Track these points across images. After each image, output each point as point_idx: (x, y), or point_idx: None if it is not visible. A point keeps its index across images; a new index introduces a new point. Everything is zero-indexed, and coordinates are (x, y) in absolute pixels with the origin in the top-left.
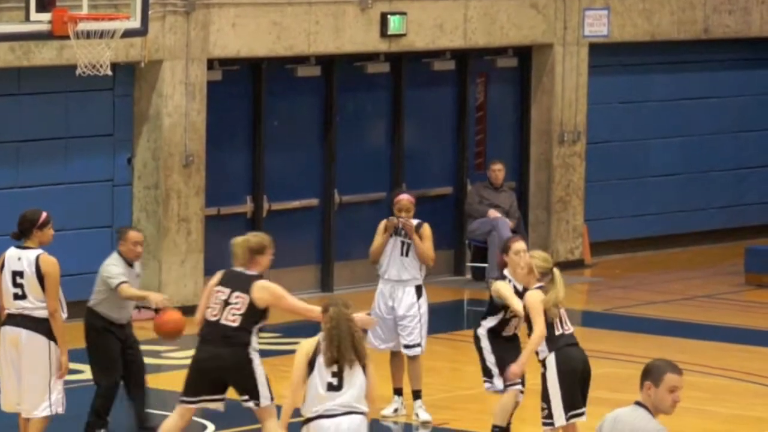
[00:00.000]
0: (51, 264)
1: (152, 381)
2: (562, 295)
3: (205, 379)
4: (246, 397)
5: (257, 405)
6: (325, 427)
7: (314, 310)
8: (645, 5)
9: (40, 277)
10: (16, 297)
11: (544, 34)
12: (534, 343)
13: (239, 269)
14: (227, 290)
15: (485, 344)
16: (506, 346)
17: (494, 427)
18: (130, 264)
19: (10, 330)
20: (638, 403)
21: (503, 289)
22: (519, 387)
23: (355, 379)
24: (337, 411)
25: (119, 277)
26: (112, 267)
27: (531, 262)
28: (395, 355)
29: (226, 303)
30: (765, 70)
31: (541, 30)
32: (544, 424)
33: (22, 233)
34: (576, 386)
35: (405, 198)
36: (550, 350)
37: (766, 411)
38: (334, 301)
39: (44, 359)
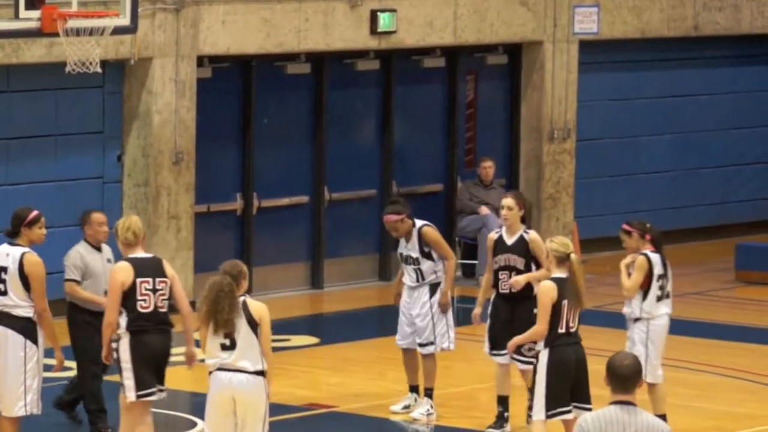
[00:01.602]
0: (35, 264)
1: None
2: (572, 288)
3: (155, 368)
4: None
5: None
6: (219, 379)
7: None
8: (635, 2)
9: (23, 275)
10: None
11: (534, 32)
12: (531, 335)
13: (140, 255)
14: (150, 279)
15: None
16: (507, 308)
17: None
18: (97, 248)
19: None
20: (632, 404)
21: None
22: (503, 360)
23: (245, 340)
24: (229, 367)
25: (70, 273)
26: (70, 257)
27: (548, 247)
28: (406, 353)
29: (154, 291)
30: (755, 67)
31: (530, 27)
32: (529, 415)
33: (13, 231)
34: (563, 386)
35: (388, 218)
36: (545, 345)
37: (756, 408)
38: (223, 269)
39: (20, 358)
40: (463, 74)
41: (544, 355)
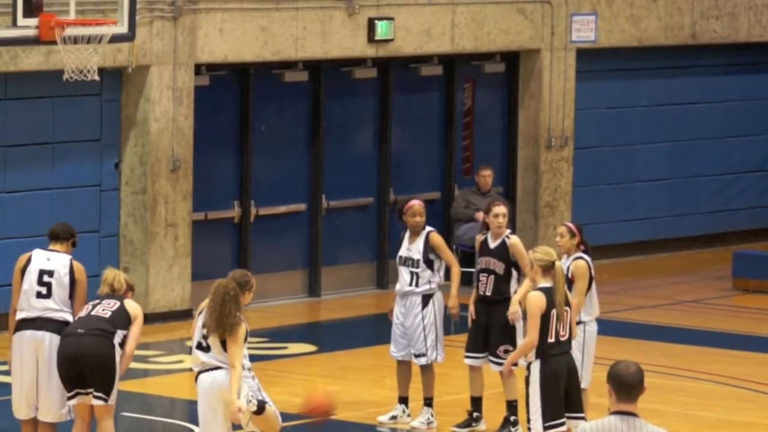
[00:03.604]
0: (84, 272)
1: (139, 386)
2: (558, 297)
3: (77, 372)
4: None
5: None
6: (200, 382)
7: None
8: (632, 11)
9: (72, 281)
10: (39, 295)
11: (532, 40)
12: (523, 348)
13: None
14: (99, 299)
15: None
16: (484, 311)
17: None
18: None
19: (30, 334)
20: (634, 414)
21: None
22: (475, 362)
23: (215, 342)
24: (205, 367)
25: None
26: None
27: (532, 257)
28: (401, 364)
29: (97, 305)
30: (752, 76)
31: (528, 35)
32: (529, 428)
33: (60, 236)
34: (557, 397)
35: (416, 203)
36: (536, 356)
37: (753, 416)
38: (231, 275)
39: None
40: (461, 82)
41: (535, 367)
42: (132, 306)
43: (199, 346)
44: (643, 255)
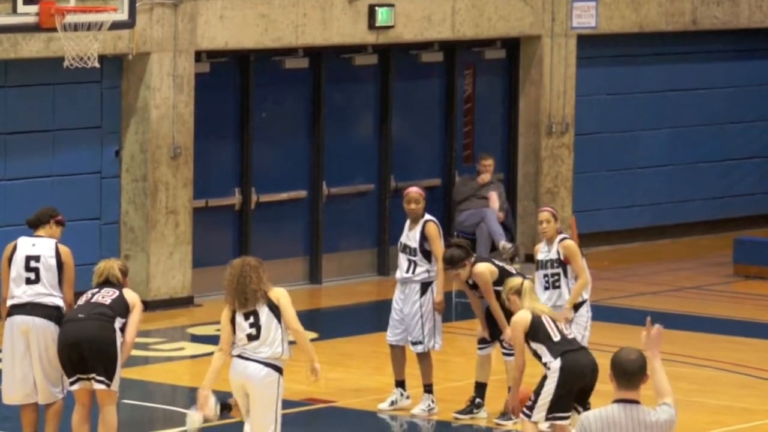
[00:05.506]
0: (70, 254)
1: (139, 373)
2: (539, 308)
3: (77, 358)
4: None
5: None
6: (236, 365)
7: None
8: None
9: (60, 264)
10: (28, 281)
11: (532, 26)
12: (518, 376)
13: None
14: (97, 289)
15: None
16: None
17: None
18: None
19: (20, 320)
20: (636, 401)
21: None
22: (483, 352)
23: (270, 326)
24: (249, 356)
25: None
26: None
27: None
28: (394, 349)
29: (95, 294)
30: (753, 61)
31: (529, 22)
32: (522, 413)
33: (40, 221)
34: (571, 393)
35: (413, 190)
36: (554, 357)
37: (754, 402)
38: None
39: (55, 346)
40: (461, 69)
41: (555, 364)
42: (131, 295)
43: (250, 337)
44: (643, 241)
